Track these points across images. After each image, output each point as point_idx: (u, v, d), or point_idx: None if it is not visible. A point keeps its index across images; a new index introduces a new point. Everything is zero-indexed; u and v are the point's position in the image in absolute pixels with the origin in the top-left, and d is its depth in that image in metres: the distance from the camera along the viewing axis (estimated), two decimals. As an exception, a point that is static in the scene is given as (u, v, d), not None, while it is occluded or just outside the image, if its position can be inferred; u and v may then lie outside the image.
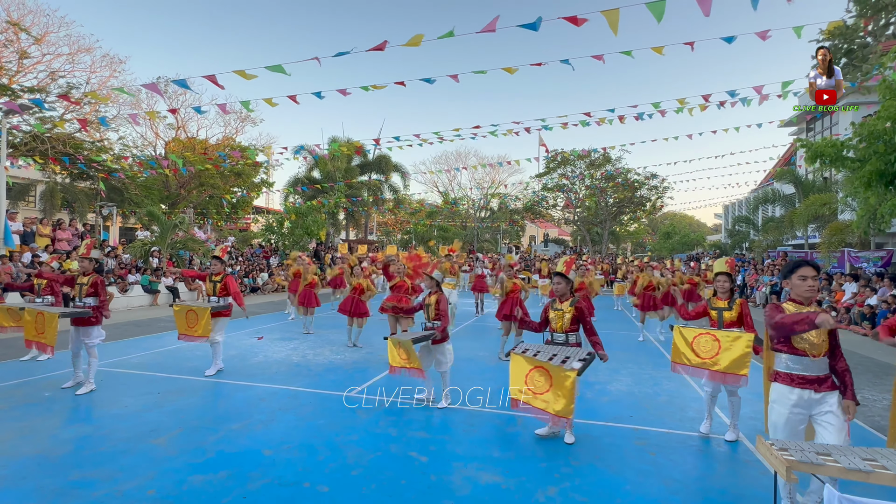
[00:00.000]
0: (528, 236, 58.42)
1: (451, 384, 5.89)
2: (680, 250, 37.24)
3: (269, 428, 4.56)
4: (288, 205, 29.12)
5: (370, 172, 33.95)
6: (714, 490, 3.52)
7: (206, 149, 25.65)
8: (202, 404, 5.23)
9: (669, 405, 5.52)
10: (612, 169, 33.97)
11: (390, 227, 50.00)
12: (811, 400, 2.90)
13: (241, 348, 8.22)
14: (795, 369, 2.94)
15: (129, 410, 5.02)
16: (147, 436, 4.29)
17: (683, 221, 57.42)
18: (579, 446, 4.27)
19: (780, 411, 2.95)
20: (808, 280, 2.99)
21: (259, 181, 29.45)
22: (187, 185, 25.71)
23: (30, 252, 13.04)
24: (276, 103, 8.72)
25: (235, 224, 32.38)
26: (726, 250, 29.97)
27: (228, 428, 4.52)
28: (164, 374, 6.44)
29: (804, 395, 2.90)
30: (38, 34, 18.67)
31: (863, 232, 12.93)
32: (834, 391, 2.90)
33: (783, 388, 2.96)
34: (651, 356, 8.34)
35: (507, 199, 41.44)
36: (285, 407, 5.21)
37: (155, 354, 7.63)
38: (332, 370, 6.86)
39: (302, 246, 24.13)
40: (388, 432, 4.49)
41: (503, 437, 4.46)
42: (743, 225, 28.44)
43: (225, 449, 4.04)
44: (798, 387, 2.91)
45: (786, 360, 2.99)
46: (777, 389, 3.00)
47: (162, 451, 3.99)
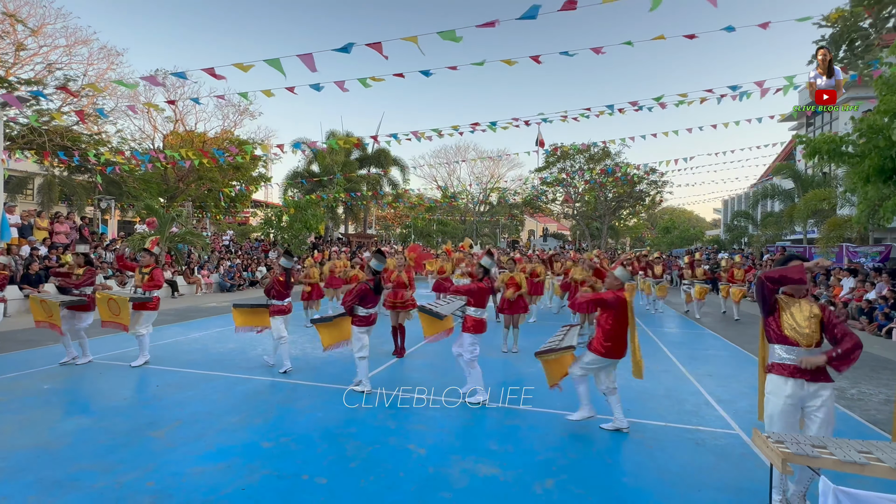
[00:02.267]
0: (528, 231, 58.45)
1: (451, 379, 5.91)
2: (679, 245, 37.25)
3: (268, 421, 4.57)
4: (287, 198, 29.04)
5: (369, 166, 33.83)
6: (711, 483, 3.54)
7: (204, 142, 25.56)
8: (201, 397, 5.25)
9: (667, 398, 5.54)
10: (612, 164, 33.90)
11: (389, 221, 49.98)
12: (805, 392, 2.95)
13: (240, 341, 8.22)
14: (788, 360, 3.00)
15: (128, 403, 5.03)
16: (146, 428, 4.31)
17: (682, 216, 57.44)
18: (577, 439, 4.29)
19: (775, 402, 3.00)
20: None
21: (257, 175, 29.38)
22: (186, 178, 25.64)
23: (28, 245, 13.00)
24: (273, 93, 8.67)
25: (234, 218, 32.33)
26: (725, 245, 30.00)
27: (227, 420, 4.53)
28: (162, 367, 6.45)
29: (798, 386, 2.95)
30: (35, 26, 18.52)
31: (862, 227, 12.94)
32: (828, 384, 2.94)
33: (778, 378, 3.03)
34: (649, 350, 8.37)
35: (507, 194, 41.43)
36: (284, 400, 5.22)
37: (154, 348, 7.63)
38: (331, 363, 6.87)
39: (301, 240, 24.09)
40: (386, 425, 4.51)
41: (502, 431, 4.48)
42: (742, 220, 28.44)
43: (224, 441, 4.06)
44: (791, 376, 2.96)
45: (779, 351, 3.05)
46: (772, 380, 3.06)
47: (161, 443, 4.00)
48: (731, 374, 6.81)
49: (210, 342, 8.24)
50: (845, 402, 5.59)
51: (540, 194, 38.25)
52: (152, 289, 6.51)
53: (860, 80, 14.10)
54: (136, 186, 22.03)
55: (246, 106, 27.27)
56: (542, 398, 5.34)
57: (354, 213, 37.75)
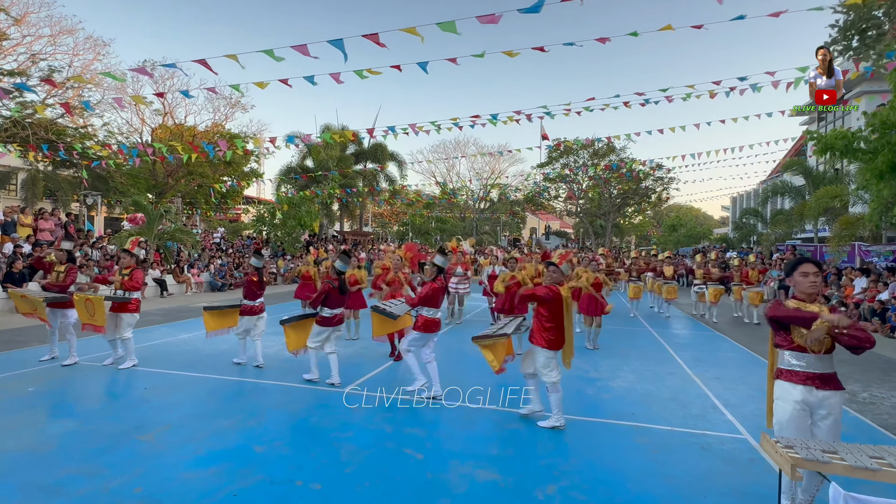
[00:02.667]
0: (529, 228, 58.48)
1: (449, 380, 5.92)
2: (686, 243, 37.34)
3: (261, 424, 4.58)
4: (280, 195, 29.03)
5: (365, 161, 33.84)
6: (717, 488, 3.55)
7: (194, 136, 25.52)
8: (191, 400, 5.25)
9: (673, 402, 5.56)
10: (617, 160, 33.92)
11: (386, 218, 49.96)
12: (814, 399, 2.96)
13: (231, 342, 8.20)
14: (798, 366, 3.01)
15: (116, 406, 5.03)
16: (134, 431, 4.31)
17: (689, 214, 57.54)
18: (579, 444, 4.30)
19: (784, 408, 3.02)
20: (809, 276, 3.06)
21: (249, 171, 29.34)
22: (175, 173, 25.61)
23: (11, 243, 12.98)
24: (266, 83, 8.64)
25: (225, 214, 32.30)
26: (734, 244, 30.06)
27: (218, 424, 4.53)
28: (151, 369, 6.45)
29: (808, 392, 2.96)
30: (18, 15, 18.48)
31: (875, 225, 12.96)
32: (837, 391, 2.97)
33: (787, 384, 3.04)
34: (654, 352, 8.39)
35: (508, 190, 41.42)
36: (277, 403, 5.22)
37: (142, 349, 7.63)
38: (326, 366, 6.87)
39: (295, 237, 24.08)
40: (383, 429, 4.52)
41: (501, 435, 4.49)
42: (751, 218, 28.50)
43: (214, 445, 4.06)
44: (801, 383, 2.97)
45: (788, 357, 3.05)
46: (781, 386, 3.07)
47: (149, 447, 4.01)
48: (738, 376, 6.83)
49: (200, 343, 8.24)
50: (857, 406, 5.61)
51: (542, 191, 38.30)
52: (132, 290, 6.51)
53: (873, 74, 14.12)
54: (123, 182, 22.05)
55: (238, 98, 27.28)
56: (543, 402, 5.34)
57: (350, 210, 37.76)
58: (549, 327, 4.59)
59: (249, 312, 6.71)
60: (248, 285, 6.74)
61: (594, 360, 7.50)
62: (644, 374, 6.84)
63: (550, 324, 4.59)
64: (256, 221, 26.60)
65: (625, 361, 7.53)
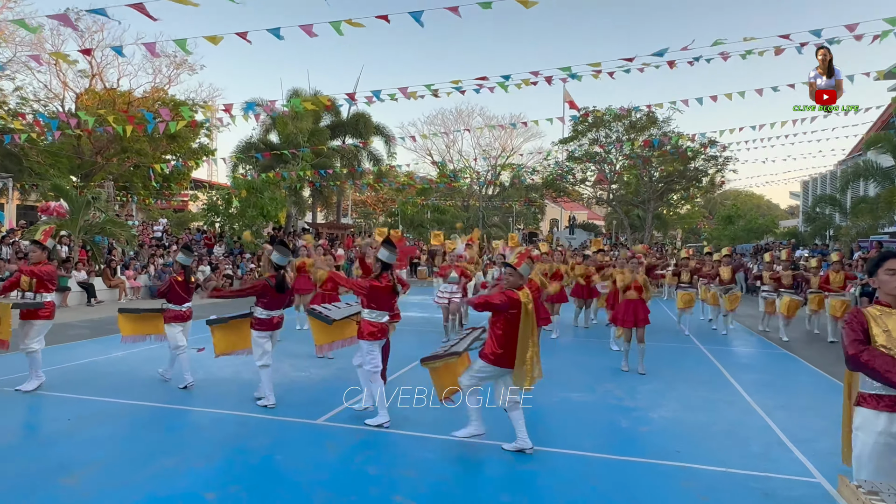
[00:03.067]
0: (549, 220, 58.58)
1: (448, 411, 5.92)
2: (744, 239, 37.33)
3: (213, 464, 4.59)
4: (237, 178, 28.97)
5: (344, 136, 33.79)
6: (783, 544, 3.56)
7: (129, 104, 25.51)
8: (126, 434, 5.26)
9: (728, 437, 5.57)
10: (659, 134, 33.90)
11: (370, 206, 50.00)
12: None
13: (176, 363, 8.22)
14: (883, 389, 2.98)
15: (32, 441, 5.03)
16: (54, 473, 4.31)
17: (749, 202, 57.60)
18: (612, 489, 4.31)
19: (864, 440, 3.00)
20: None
21: (198, 147, 29.32)
22: (105, 150, 25.59)
23: None
24: (220, 37, 8.59)
25: (168, 202, 32.33)
26: (805, 239, 30.09)
27: (160, 464, 4.54)
28: (75, 396, 6.45)
29: (893, 421, 2.94)
30: None
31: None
32: None
33: (869, 412, 3.01)
34: (706, 374, 8.40)
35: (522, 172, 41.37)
36: (233, 437, 5.23)
37: (64, 370, 7.63)
38: (293, 391, 6.89)
39: (256, 230, 24.08)
40: (365, 470, 4.53)
41: (513, 477, 4.51)
42: (826, 207, 28.50)
43: (155, 491, 4.06)
44: (887, 410, 2.95)
45: (871, 380, 3.02)
46: (861, 414, 3.05)
47: (74, 492, 4.01)
48: (810, 405, 6.85)
49: (137, 363, 8.24)
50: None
51: (566, 173, 38.21)
52: (44, 292, 6.50)
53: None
54: (40, 161, 21.98)
55: (184, 58, 27.24)
56: (566, 436, 5.36)
57: (325, 197, 37.75)
58: (500, 340, 4.74)
59: (178, 318, 6.83)
60: (172, 287, 6.83)
61: (630, 385, 7.52)
62: (693, 402, 6.86)
63: (501, 335, 4.74)
64: (207, 211, 26.51)
65: (669, 387, 7.55)
